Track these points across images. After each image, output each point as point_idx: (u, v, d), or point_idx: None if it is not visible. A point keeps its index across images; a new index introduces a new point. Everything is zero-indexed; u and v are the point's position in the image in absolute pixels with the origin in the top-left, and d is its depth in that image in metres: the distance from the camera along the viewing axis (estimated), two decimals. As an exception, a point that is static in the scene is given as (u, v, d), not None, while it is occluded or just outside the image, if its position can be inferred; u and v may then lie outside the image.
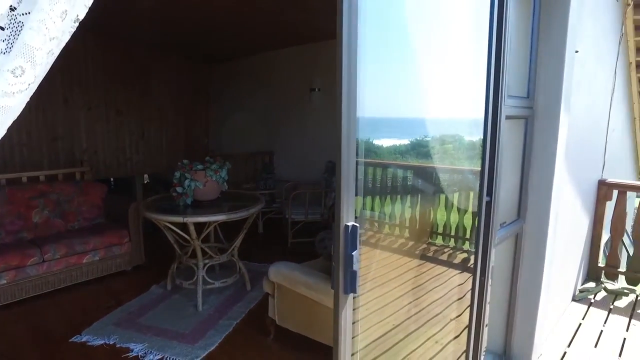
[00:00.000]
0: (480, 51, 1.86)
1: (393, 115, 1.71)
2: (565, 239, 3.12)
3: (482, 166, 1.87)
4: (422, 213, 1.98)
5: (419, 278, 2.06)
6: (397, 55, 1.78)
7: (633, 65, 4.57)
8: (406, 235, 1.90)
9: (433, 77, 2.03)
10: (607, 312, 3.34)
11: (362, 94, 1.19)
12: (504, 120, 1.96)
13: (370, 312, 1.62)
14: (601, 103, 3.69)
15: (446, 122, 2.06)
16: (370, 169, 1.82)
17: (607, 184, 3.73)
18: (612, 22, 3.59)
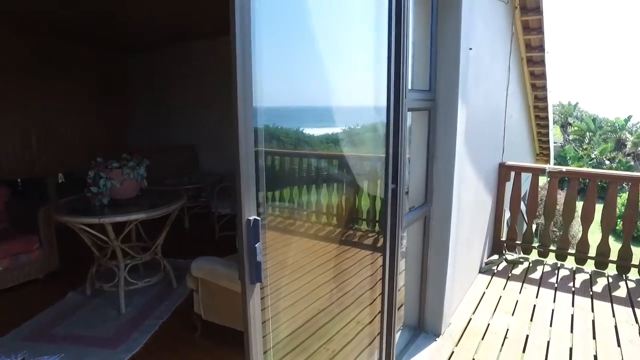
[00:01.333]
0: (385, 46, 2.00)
1: (301, 103, 1.75)
2: (471, 218, 3.45)
3: (386, 156, 2.03)
4: (337, 199, 2.10)
5: (336, 263, 2.19)
6: (304, 45, 1.84)
7: (524, 60, 5.08)
8: (323, 221, 2.01)
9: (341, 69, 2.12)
10: (505, 280, 3.75)
11: (263, 83, 1.24)
12: (406, 112, 2.13)
13: (289, 298, 1.71)
14: (499, 94, 4.08)
15: (355, 112, 2.18)
16: (287, 158, 1.89)
17: (506, 166, 4.16)
18: (503, 22, 3.97)
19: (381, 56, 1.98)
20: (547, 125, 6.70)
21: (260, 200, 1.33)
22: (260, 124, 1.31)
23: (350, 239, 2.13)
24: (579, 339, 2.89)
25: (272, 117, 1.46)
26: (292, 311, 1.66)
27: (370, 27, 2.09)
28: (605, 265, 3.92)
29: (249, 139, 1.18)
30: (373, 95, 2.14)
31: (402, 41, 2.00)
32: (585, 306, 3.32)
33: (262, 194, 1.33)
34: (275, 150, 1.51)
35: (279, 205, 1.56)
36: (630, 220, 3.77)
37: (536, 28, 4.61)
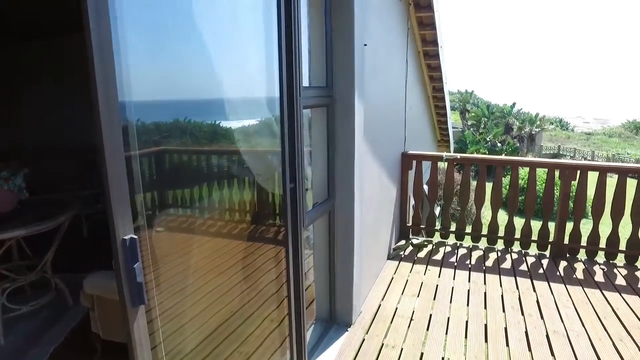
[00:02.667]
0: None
1: (188, 96, 1.61)
2: (376, 207, 3.58)
3: (282, 156, 2.00)
4: (237, 198, 2.03)
5: (241, 266, 2.13)
6: (185, 33, 1.69)
7: (421, 54, 5.39)
8: (223, 223, 1.93)
9: (232, 62, 2.03)
10: (412, 264, 3.98)
11: (135, 76, 1.13)
12: (301, 111, 2.12)
13: (190, 310, 1.62)
14: (398, 86, 4.27)
15: (249, 107, 2.09)
16: (178, 156, 1.76)
17: (408, 155, 4.38)
18: (398, 18, 4.14)
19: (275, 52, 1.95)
20: (445, 114, 7.21)
21: (140, 210, 1.23)
22: (132, 121, 1.19)
23: (253, 239, 2.08)
24: (474, 310, 3.17)
25: (149, 113, 1.34)
26: (194, 324, 1.58)
27: (261, 24, 2.03)
28: (494, 241, 4.34)
29: (114, 142, 1.06)
30: (269, 91, 2.10)
31: (294, 39, 1.98)
32: (478, 281, 3.64)
33: (141, 204, 1.23)
34: (159, 148, 1.39)
35: (172, 210, 1.46)
36: (513, 199, 4.20)
37: (430, 24, 4.89)
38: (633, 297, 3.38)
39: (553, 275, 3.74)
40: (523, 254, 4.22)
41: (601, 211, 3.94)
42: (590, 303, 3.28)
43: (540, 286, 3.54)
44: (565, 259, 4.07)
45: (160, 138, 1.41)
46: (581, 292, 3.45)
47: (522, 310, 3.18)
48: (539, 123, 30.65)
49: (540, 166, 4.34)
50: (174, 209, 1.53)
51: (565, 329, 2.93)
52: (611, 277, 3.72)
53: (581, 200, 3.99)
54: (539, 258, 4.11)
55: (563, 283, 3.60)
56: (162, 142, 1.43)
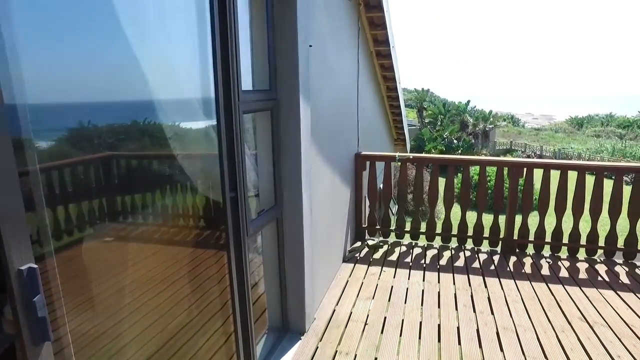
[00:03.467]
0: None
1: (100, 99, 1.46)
2: (329, 210, 3.53)
3: (220, 163, 1.90)
4: (170, 207, 1.90)
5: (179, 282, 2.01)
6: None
7: (374, 54, 5.40)
8: (159, 231, 1.80)
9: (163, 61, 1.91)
10: (367, 265, 3.97)
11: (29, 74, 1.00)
12: (241, 116, 2.02)
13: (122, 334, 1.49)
14: (350, 87, 4.24)
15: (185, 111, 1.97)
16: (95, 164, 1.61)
17: (361, 156, 4.37)
18: (349, 19, 4.11)
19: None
20: (400, 113, 7.28)
21: (43, 233, 1.10)
22: (28, 129, 1.05)
23: (192, 254, 1.96)
24: (428, 310, 3.18)
25: (53, 119, 1.20)
26: (124, 354, 1.45)
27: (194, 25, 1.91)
28: (448, 239, 4.40)
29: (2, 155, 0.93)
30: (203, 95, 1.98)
31: (230, 40, 1.87)
32: (433, 280, 3.67)
33: (45, 225, 1.10)
34: (66, 161, 1.26)
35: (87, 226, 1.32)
36: (465, 197, 4.28)
37: (380, 24, 4.89)
38: (574, 289, 3.51)
39: (503, 271, 3.83)
40: (476, 250, 4.30)
41: (546, 207, 4.08)
42: (537, 297, 3.38)
43: (491, 283, 3.61)
44: (514, 254, 4.19)
45: (69, 146, 1.28)
46: (529, 286, 3.55)
47: (474, 308, 3.23)
48: (492, 120, 31.82)
49: (489, 164, 4.44)
50: (90, 225, 1.39)
51: (514, 324, 2.99)
52: (556, 270, 3.85)
53: (528, 197, 4.11)
54: (490, 254, 4.21)
55: (513, 278, 3.69)
56: (71, 151, 1.29)
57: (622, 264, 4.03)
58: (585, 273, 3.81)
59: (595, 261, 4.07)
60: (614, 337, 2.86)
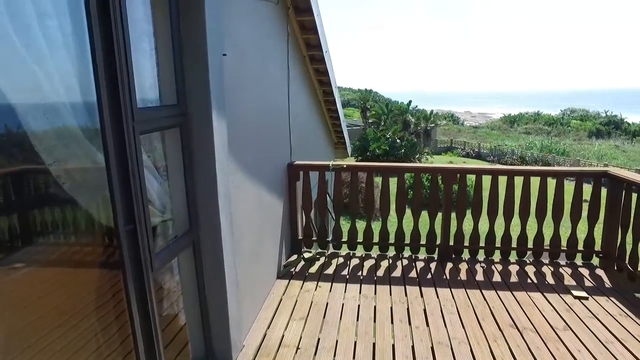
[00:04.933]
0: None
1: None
2: (258, 226, 3.32)
3: (111, 196, 1.64)
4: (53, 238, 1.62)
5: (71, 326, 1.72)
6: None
7: (307, 58, 5.25)
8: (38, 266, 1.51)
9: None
10: (302, 281, 3.80)
11: None
12: (137, 138, 1.77)
13: None
14: (280, 95, 4.05)
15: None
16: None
17: (294, 166, 4.19)
18: (277, 23, 3.92)
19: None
20: (338, 117, 7.20)
21: None
22: None
23: (77, 301, 1.69)
24: (363, 328, 3.06)
25: None
26: None
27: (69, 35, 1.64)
28: (386, 248, 4.34)
29: None
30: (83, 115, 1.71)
31: (119, 51, 1.62)
32: (369, 294, 3.56)
33: None
34: None
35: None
36: (401, 204, 4.21)
37: (312, 28, 4.73)
38: (506, 293, 3.55)
39: (440, 280, 3.81)
40: (413, 258, 4.27)
41: (480, 211, 4.12)
42: (471, 305, 3.37)
43: (427, 293, 3.57)
44: (451, 260, 4.19)
45: None
46: (464, 294, 3.54)
47: (410, 322, 3.15)
48: (433, 119, 33.00)
49: (424, 171, 4.43)
50: None
51: (449, 337, 2.94)
52: (489, 275, 3.90)
53: (463, 203, 4.13)
54: (427, 262, 4.19)
55: (449, 287, 3.67)
56: None
57: (548, 264, 4.15)
58: (516, 276, 3.88)
59: (525, 263, 4.17)
60: (540, 342, 2.89)
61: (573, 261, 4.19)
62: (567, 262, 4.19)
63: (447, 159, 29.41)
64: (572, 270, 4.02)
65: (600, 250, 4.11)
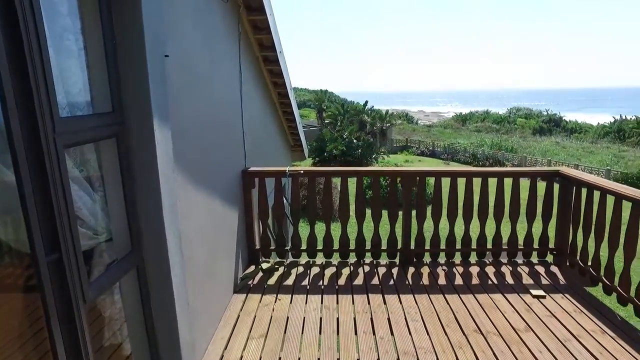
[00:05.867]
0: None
1: None
2: (210, 240, 3.10)
3: (26, 223, 1.39)
4: None
5: None
6: None
7: (261, 59, 5.05)
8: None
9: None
10: (261, 294, 3.60)
11: None
12: (61, 152, 1.52)
13: None
14: (232, 98, 3.83)
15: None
16: None
17: (249, 172, 3.98)
18: (227, 22, 3.70)
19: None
20: (294, 119, 7.03)
21: None
22: None
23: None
24: (326, 343, 2.92)
25: None
26: None
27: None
28: (347, 255, 4.22)
29: None
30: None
31: (30, 52, 1.38)
32: (331, 304, 3.43)
33: None
34: None
35: None
36: (360, 209, 4.11)
37: (264, 28, 4.54)
38: (468, 297, 3.53)
39: (403, 286, 3.74)
40: (375, 264, 4.18)
41: (439, 214, 4.09)
42: (435, 311, 3.31)
43: (391, 301, 3.48)
44: (413, 265, 4.14)
45: None
46: (427, 300, 3.48)
47: (374, 332, 3.05)
48: (389, 119, 33.55)
49: (382, 174, 4.36)
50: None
51: (414, 347, 2.85)
52: (451, 278, 3.87)
53: (422, 206, 4.09)
54: (389, 267, 4.11)
55: (411, 292, 3.60)
56: None
57: (506, 263, 4.20)
58: (477, 278, 3.88)
59: (485, 263, 4.19)
60: (504, 345, 2.87)
61: (529, 259, 4.26)
62: (524, 260, 4.25)
63: (403, 157, 29.99)
64: (529, 268, 4.08)
65: (554, 247, 4.20)
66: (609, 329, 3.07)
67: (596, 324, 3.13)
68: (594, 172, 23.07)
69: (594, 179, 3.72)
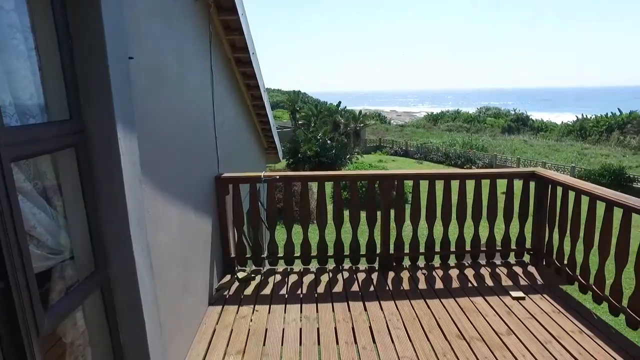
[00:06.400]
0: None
1: None
2: (182, 251, 2.93)
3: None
4: None
5: None
6: None
7: (233, 61, 4.88)
8: None
9: None
10: (237, 306, 3.45)
11: None
12: (7, 165, 1.35)
13: None
14: (204, 101, 3.66)
15: None
16: None
17: (222, 179, 3.82)
18: (197, 22, 3.54)
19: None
20: (268, 122, 6.88)
21: None
22: None
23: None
24: (307, 355, 2.80)
25: None
26: None
27: None
28: (325, 261, 4.12)
29: None
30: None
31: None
32: (311, 314, 3.31)
33: None
34: None
35: None
36: (338, 214, 4.01)
37: (236, 28, 4.38)
38: (449, 301, 3.49)
39: (383, 291, 3.66)
40: (354, 270, 4.09)
41: (418, 216, 4.04)
42: (417, 317, 3.25)
43: (371, 308, 3.39)
44: (392, 269, 4.08)
45: None
46: (408, 306, 3.42)
47: (356, 341, 2.95)
48: (362, 119, 33.69)
49: (360, 179, 4.29)
50: None
51: (397, 356, 2.78)
52: (431, 282, 3.83)
53: (400, 209, 4.03)
54: (369, 272, 4.03)
55: (392, 298, 3.53)
56: None
57: (485, 265, 4.19)
58: (457, 281, 3.85)
59: (464, 266, 4.17)
60: (487, 351, 2.83)
61: (507, 260, 4.27)
62: (502, 261, 4.26)
63: (377, 158, 30.20)
64: (507, 269, 4.08)
65: (531, 247, 4.22)
66: (586, 328, 3.08)
67: (574, 324, 3.14)
68: (560, 169, 23.87)
69: (569, 180, 3.74)
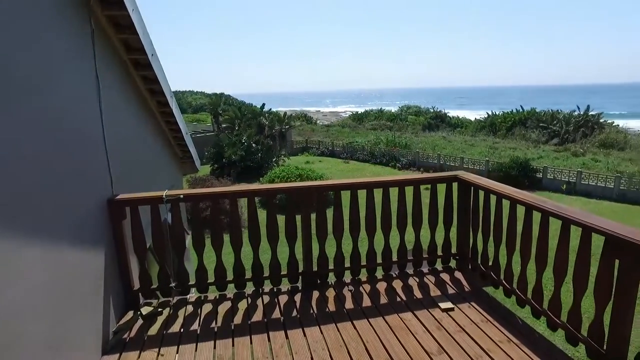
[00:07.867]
0: None
1: None
2: (61, 298, 2.39)
3: None
4: None
5: None
6: None
7: (130, 63, 4.28)
8: None
9: None
10: (139, 351, 2.93)
11: None
12: None
13: None
14: (86, 111, 3.09)
15: None
16: None
17: (117, 201, 3.27)
18: (73, 17, 2.96)
19: None
20: (179, 129, 6.27)
21: None
22: None
23: None
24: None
25: None
26: None
27: None
28: (243, 285, 3.71)
29: None
30: None
31: None
32: (226, 353, 2.89)
33: None
34: None
35: None
36: (255, 232, 3.63)
37: (129, 26, 3.81)
38: (377, 320, 3.25)
39: (307, 315, 3.34)
40: (275, 292, 3.73)
41: (341, 230, 3.79)
42: (344, 343, 2.97)
43: (294, 337, 3.06)
44: (317, 288, 3.77)
45: None
46: (334, 331, 3.13)
47: (277, 381, 2.60)
48: (287, 121, 33.42)
49: (276, 193, 3.94)
50: None
51: (323, 395, 2.47)
52: (358, 299, 3.58)
53: (323, 223, 3.74)
54: (291, 294, 3.69)
55: (317, 323, 3.22)
56: None
57: (412, 274, 4.05)
58: (385, 296, 3.64)
59: (392, 277, 3.99)
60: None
61: (434, 267, 4.17)
62: (429, 268, 4.15)
63: (304, 159, 30.09)
64: (435, 277, 3.97)
65: (456, 252, 4.16)
66: (513, 336, 3.01)
67: (502, 333, 3.06)
68: (476, 163, 25.42)
69: (490, 184, 3.68)
